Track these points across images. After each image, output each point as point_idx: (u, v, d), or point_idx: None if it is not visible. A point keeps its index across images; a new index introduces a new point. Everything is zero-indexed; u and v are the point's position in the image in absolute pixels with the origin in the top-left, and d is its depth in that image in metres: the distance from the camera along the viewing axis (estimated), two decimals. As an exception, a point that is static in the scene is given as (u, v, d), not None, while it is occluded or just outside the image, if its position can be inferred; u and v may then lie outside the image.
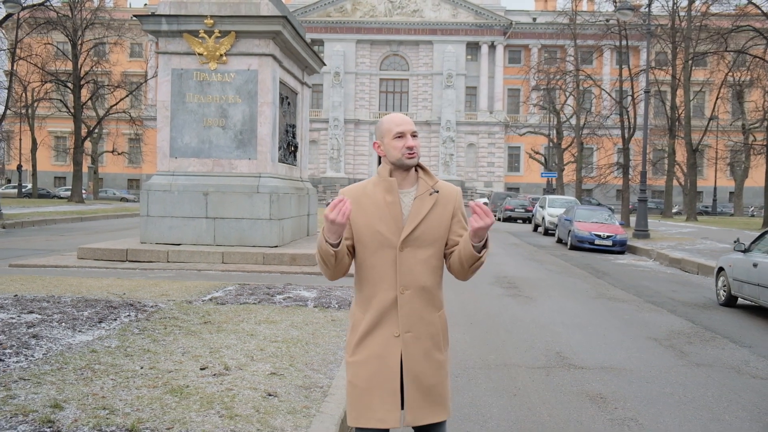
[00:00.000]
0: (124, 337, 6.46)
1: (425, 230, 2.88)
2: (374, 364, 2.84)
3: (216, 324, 7.24)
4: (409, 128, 2.93)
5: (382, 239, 2.86)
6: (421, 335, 2.87)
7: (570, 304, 11.30)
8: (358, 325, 2.92)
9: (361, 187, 2.99)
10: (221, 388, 4.99)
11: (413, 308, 2.86)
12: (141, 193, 15.64)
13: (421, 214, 2.88)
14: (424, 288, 2.88)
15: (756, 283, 10.52)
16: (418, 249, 2.87)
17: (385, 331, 2.85)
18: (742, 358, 7.79)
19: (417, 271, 2.86)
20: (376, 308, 2.86)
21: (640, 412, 5.66)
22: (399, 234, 2.86)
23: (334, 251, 2.78)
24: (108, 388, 4.87)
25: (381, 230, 2.86)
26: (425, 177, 2.97)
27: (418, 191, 2.92)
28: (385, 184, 2.91)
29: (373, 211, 2.89)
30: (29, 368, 5.32)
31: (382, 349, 2.84)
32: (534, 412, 5.57)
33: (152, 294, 9.22)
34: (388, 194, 2.89)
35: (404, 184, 2.94)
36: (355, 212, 2.89)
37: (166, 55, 15.45)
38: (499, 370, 6.81)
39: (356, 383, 2.87)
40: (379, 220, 2.87)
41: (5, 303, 7.97)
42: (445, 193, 2.95)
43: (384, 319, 2.86)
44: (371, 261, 2.88)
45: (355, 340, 2.91)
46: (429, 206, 2.90)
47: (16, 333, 6.43)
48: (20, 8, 27.96)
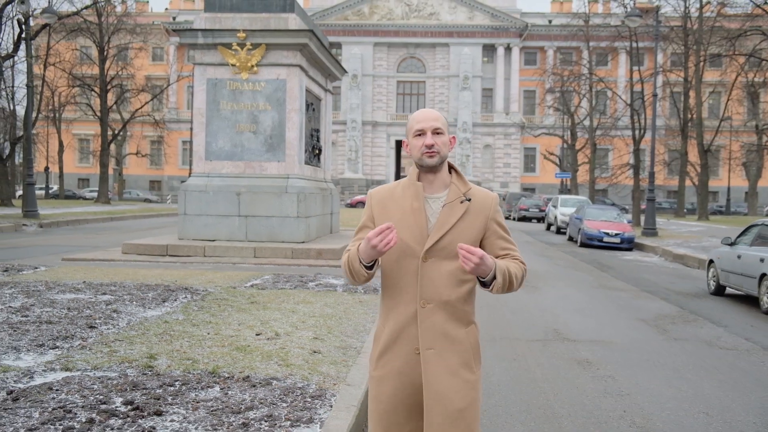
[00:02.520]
0: (187, 312, 7.73)
1: (453, 240, 2.67)
2: (396, 380, 2.70)
3: (261, 303, 8.50)
4: (430, 125, 2.74)
5: (405, 248, 2.69)
6: (445, 351, 2.68)
7: (572, 292, 12.47)
8: (379, 337, 2.80)
9: (390, 189, 2.85)
10: (275, 347, 6.23)
11: (435, 323, 2.69)
12: (179, 193, 16.94)
13: (449, 224, 2.69)
14: (448, 302, 2.69)
15: (740, 273, 11.64)
16: (444, 260, 2.68)
17: (405, 346, 2.70)
18: (716, 334, 8.95)
19: (440, 284, 2.69)
20: (395, 321, 2.72)
21: (618, 372, 6.84)
22: (423, 243, 2.69)
23: (367, 273, 2.69)
24: (186, 347, 6.13)
25: (405, 238, 2.69)
26: (458, 182, 2.78)
27: (449, 198, 2.74)
28: (412, 189, 2.76)
29: (398, 217, 2.72)
30: (119, 333, 6.59)
31: (403, 365, 2.70)
32: (529, 372, 6.77)
33: (200, 281, 10.50)
34: (414, 200, 2.73)
35: (434, 188, 2.77)
36: (382, 217, 2.76)
37: (201, 66, 16.75)
38: (502, 342, 8.01)
39: (381, 399, 2.74)
40: (404, 227, 2.69)
41: (80, 287, 9.29)
42: (478, 202, 2.76)
43: (404, 334, 2.71)
44: (393, 271, 2.73)
45: (377, 354, 2.78)
46: (458, 215, 2.71)
47: (99, 309, 7.72)
48: (56, 18, 29.43)
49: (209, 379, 5.11)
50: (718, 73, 49.47)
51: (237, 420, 4.26)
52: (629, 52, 39.77)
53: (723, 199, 67.22)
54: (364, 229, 2.82)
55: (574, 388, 6.23)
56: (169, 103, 74.37)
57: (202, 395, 4.73)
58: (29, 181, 28.30)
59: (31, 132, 29.99)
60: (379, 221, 2.74)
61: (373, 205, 2.82)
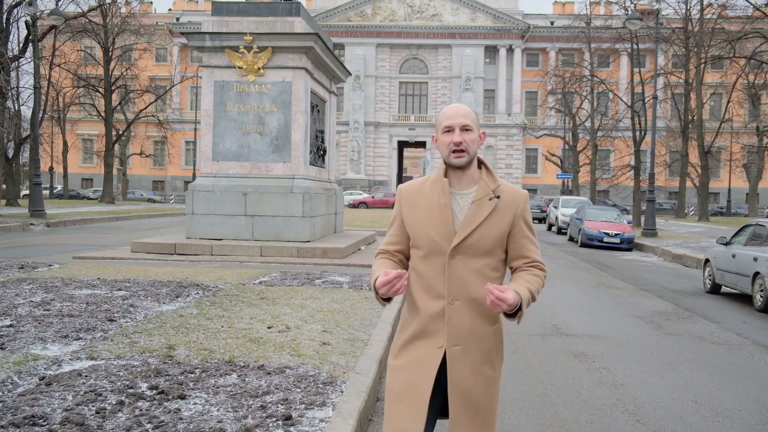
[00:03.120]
0: (200, 307, 8.06)
1: (480, 238, 2.68)
2: (413, 371, 2.73)
3: (271, 299, 8.83)
4: (458, 121, 2.72)
5: (433, 244, 2.70)
6: (470, 349, 2.71)
7: (571, 290, 12.79)
8: (405, 328, 2.81)
9: (419, 184, 2.85)
10: (287, 339, 6.56)
11: (462, 320, 2.70)
12: (186, 193, 17.28)
13: (477, 221, 2.69)
14: (476, 300, 2.69)
15: (734, 272, 11.97)
16: (471, 258, 2.69)
17: (430, 340, 2.73)
18: (709, 330, 9.28)
19: (468, 281, 2.69)
20: (423, 316, 2.73)
21: (612, 364, 7.17)
22: (450, 240, 2.69)
23: (383, 304, 2.79)
24: (202, 338, 6.46)
25: (431, 234, 2.70)
26: (487, 179, 2.76)
27: (477, 194, 2.72)
28: (439, 184, 2.76)
29: (426, 213, 2.74)
30: (137, 326, 6.92)
31: (422, 358, 2.73)
32: (528, 364, 7.10)
33: (210, 278, 10.83)
34: (441, 196, 2.73)
35: (462, 184, 2.77)
36: (409, 213, 2.78)
37: (209, 68, 17.09)
38: (503, 336, 8.31)
39: (392, 388, 2.77)
40: (430, 223, 2.71)
41: (95, 283, 9.63)
42: (507, 199, 2.74)
43: (430, 329, 2.72)
44: (421, 267, 2.74)
45: (399, 344, 2.81)
46: (487, 212, 2.70)
47: (116, 303, 8.06)
48: (63, 21, 29.80)
49: (226, 368, 5.44)
50: (720, 74, 49.78)
51: (255, 403, 4.59)
52: (630, 54, 40.04)
53: (724, 200, 67.52)
54: (393, 224, 2.87)
55: (571, 379, 6.56)
56: (172, 104, 74.75)
57: (221, 381, 5.06)
58: (36, 181, 28.64)
59: (38, 133, 30.33)
60: (408, 217, 2.78)
61: (402, 201, 2.83)
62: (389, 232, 2.90)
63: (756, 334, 9.13)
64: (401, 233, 2.84)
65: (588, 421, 5.33)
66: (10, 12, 30.42)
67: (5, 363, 5.36)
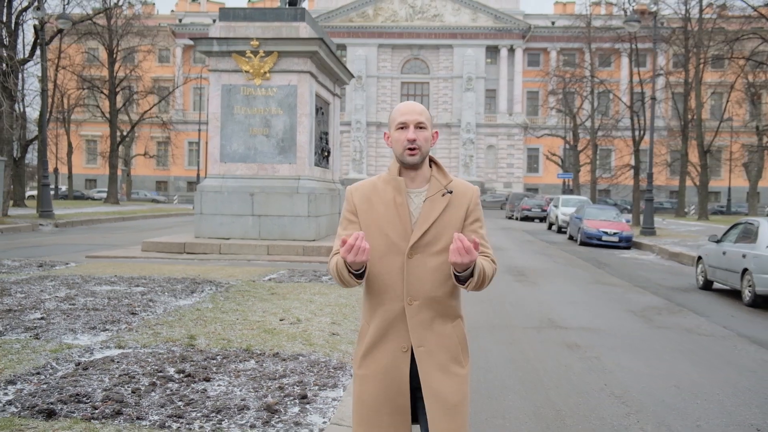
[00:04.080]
0: (215, 302, 8.56)
1: (436, 235, 2.64)
2: (381, 379, 2.65)
3: (281, 295, 9.32)
4: (413, 118, 2.68)
5: (390, 244, 2.64)
6: (433, 349, 2.66)
7: (568, 287, 13.26)
8: (364, 335, 2.74)
9: (371, 183, 2.77)
10: (298, 330, 7.05)
11: (423, 320, 2.65)
12: (195, 194, 17.78)
13: (432, 218, 2.65)
14: (435, 298, 2.66)
15: (725, 268, 12.44)
16: (429, 256, 2.65)
17: (392, 344, 2.66)
18: (697, 323, 9.75)
19: (427, 280, 2.64)
20: (381, 319, 2.66)
21: (603, 354, 7.65)
22: (407, 239, 2.64)
23: (357, 282, 2.65)
24: (220, 330, 6.95)
25: (389, 234, 2.65)
26: (438, 175, 2.73)
27: (430, 191, 2.69)
28: (393, 183, 2.70)
29: (383, 213, 2.68)
30: (158, 318, 7.41)
31: (389, 364, 2.65)
32: (524, 353, 7.58)
33: (221, 275, 11.33)
34: (397, 195, 2.68)
35: (415, 182, 2.72)
36: (365, 212, 2.70)
37: (216, 72, 17.59)
38: (501, 330, 8.81)
39: (364, 399, 2.69)
40: (388, 222, 2.66)
41: (114, 280, 10.14)
42: (459, 193, 2.72)
43: (390, 332, 2.65)
44: (377, 268, 2.65)
45: (361, 352, 2.73)
46: (441, 208, 2.67)
47: (136, 298, 8.56)
48: (71, 24, 30.31)
49: (245, 355, 5.93)
50: (720, 74, 50.16)
51: (274, 384, 5.08)
52: (630, 55, 40.50)
53: (725, 199, 67.93)
54: (349, 227, 2.73)
55: (562, 366, 7.04)
56: (175, 105, 75.26)
57: (241, 366, 5.55)
58: (44, 182, 29.14)
59: (46, 134, 30.84)
60: (363, 216, 2.69)
61: (356, 201, 2.74)
62: (341, 235, 2.70)
63: (741, 327, 9.61)
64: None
65: (576, 403, 5.81)
66: (19, 16, 30.92)
67: (43, 351, 5.86)
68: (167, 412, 4.41)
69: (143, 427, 4.13)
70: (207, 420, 4.30)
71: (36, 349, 5.91)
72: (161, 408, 4.48)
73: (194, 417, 4.35)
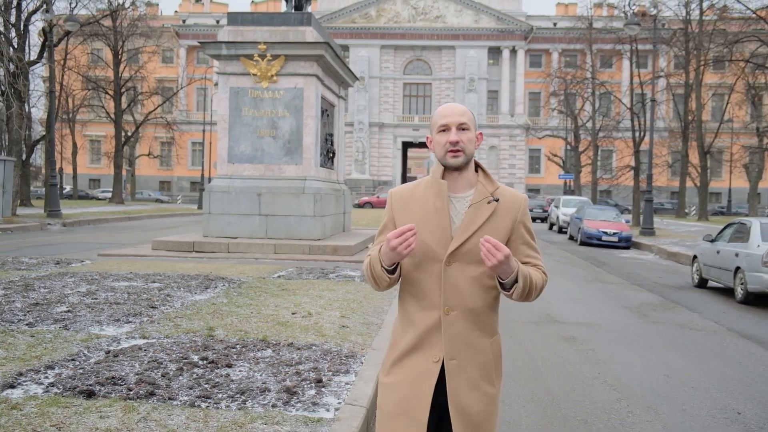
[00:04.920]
0: (229, 297, 8.98)
1: (478, 244, 2.48)
2: (407, 388, 2.57)
3: (291, 290, 9.74)
4: (455, 120, 2.59)
5: (428, 250, 2.56)
6: (466, 363, 2.56)
7: (567, 284, 13.68)
8: (398, 343, 2.66)
9: (412, 187, 2.71)
10: (310, 322, 7.47)
11: (458, 332, 2.56)
12: (204, 194, 18.22)
13: (475, 225, 2.55)
14: (473, 310, 2.56)
15: (719, 267, 12.86)
16: (468, 265, 2.55)
17: (425, 354, 2.58)
18: (690, 318, 10.17)
19: (465, 291, 2.55)
20: (417, 328, 2.59)
21: (598, 347, 8.06)
22: (446, 246, 2.55)
23: (389, 278, 2.58)
24: (236, 322, 7.37)
25: (427, 240, 2.55)
26: (485, 181, 2.63)
27: (475, 198, 2.59)
28: (435, 187, 2.62)
29: (421, 218, 2.58)
30: (177, 312, 7.84)
31: (418, 374, 2.57)
32: (523, 346, 7.99)
33: (232, 273, 11.75)
34: (437, 199, 2.59)
35: (459, 187, 2.63)
36: (402, 217, 2.62)
37: (225, 75, 18.02)
38: (501, 324, 9.15)
39: (384, 408, 2.62)
40: (426, 228, 2.56)
41: (130, 276, 10.57)
42: (506, 202, 2.61)
43: (425, 342, 2.58)
44: (415, 275, 2.59)
45: (391, 360, 2.65)
46: (485, 216, 2.56)
47: (154, 293, 8.99)
48: (79, 26, 30.77)
49: (262, 344, 6.35)
50: (720, 75, 50.53)
51: (291, 370, 5.50)
52: (630, 57, 40.90)
53: (726, 200, 68.27)
54: (385, 231, 2.69)
55: (559, 358, 7.46)
56: (179, 105, 75.70)
57: (260, 354, 5.97)
58: (52, 182, 29.61)
59: (54, 135, 31.30)
60: (401, 222, 2.61)
61: (394, 205, 2.69)
62: (379, 238, 2.71)
63: (732, 323, 10.02)
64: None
65: (571, 390, 6.23)
66: (28, 18, 31.39)
67: (73, 340, 6.28)
68: (196, 393, 4.83)
69: (175, 406, 4.54)
70: (232, 400, 4.72)
71: (67, 338, 6.34)
72: (190, 390, 4.90)
73: (221, 398, 4.77)
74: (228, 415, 4.41)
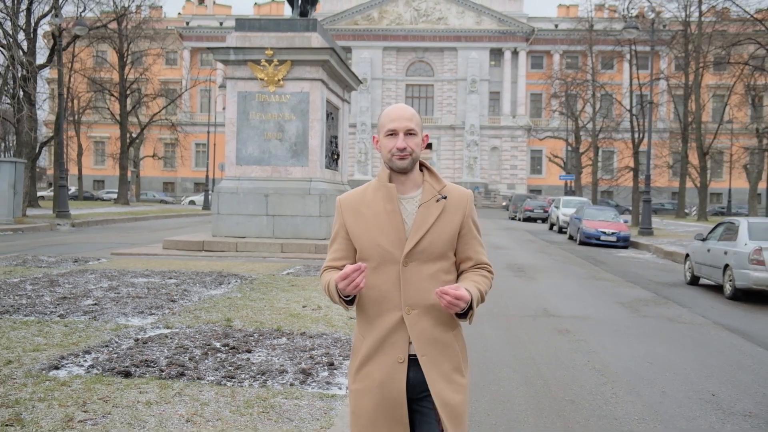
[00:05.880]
0: (242, 292, 9.54)
1: (432, 242, 2.58)
2: (377, 393, 2.58)
3: (300, 286, 10.31)
4: (403, 125, 2.61)
5: (384, 253, 2.59)
6: (436, 358, 2.60)
7: (564, 282, 14.22)
8: (359, 349, 2.67)
9: (360, 193, 2.73)
10: (320, 314, 8.03)
11: (423, 329, 2.58)
12: (213, 195, 18.78)
13: (427, 224, 2.59)
14: (433, 306, 2.57)
15: (709, 265, 13.39)
16: (425, 263, 2.60)
17: (387, 356, 2.59)
18: (679, 313, 10.71)
19: (424, 288, 2.58)
20: (378, 331, 2.60)
21: (590, 338, 8.61)
22: (402, 247, 2.58)
23: (347, 307, 2.63)
24: (250, 314, 7.93)
25: (382, 243, 2.59)
26: (431, 180, 2.68)
27: (423, 197, 2.64)
28: (384, 191, 2.64)
29: (374, 222, 2.62)
30: (196, 305, 8.40)
31: (384, 377, 2.58)
32: (518, 337, 8.54)
33: (243, 270, 12.31)
34: (388, 202, 2.62)
35: (406, 188, 2.66)
36: (355, 223, 2.65)
37: (232, 80, 18.59)
38: (499, 317, 9.77)
39: (359, 414, 2.63)
40: (380, 231, 2.60)
41: (147, 273, 11.14)
42: (454, 199, 2.66)
43: (386, 343, 2.59)
44: (372, 279, 2.57)
45: (356, 366, 2.66)
46: (436, 214, 2.61)
47: (172, 288, 9.55)
48: (87, 30, 31.36)
49: (277, 333, 6.91)
50: (720, 77, 51.04)
51: (305, 355, 6.05)
52: (630, 60, 41.42)
53: (726, 200, 68.71)
54: (337, 239, 2.74)
55: (552, 347, 8.00)
56: (183, 107, 76.30)
57: (275, 342, 6.53)
58: (61, 184, 30.24)
59: (63, 137, 31.90)
60: (353, 229, 2.65)
61: (344, 213, 2.71)
62: (332, 248, 2.77)
63: (718, 317, 10.56)
64: (347, 247, 2.70)
65: (562, 375, 6.78)
66: (37, 23, 32.02)
67: (104, 329, 6.84)
68: (221, 374, 5.39)
69: (204, 384, 5.10)
70: (254, 380, 5.27)
71: (98, 328, 6.90)
72: (215, 371, 5.45)
73: (244, 377, 5.32)
74: (252, 391, 4.96)
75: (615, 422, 5.44)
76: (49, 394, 4.69)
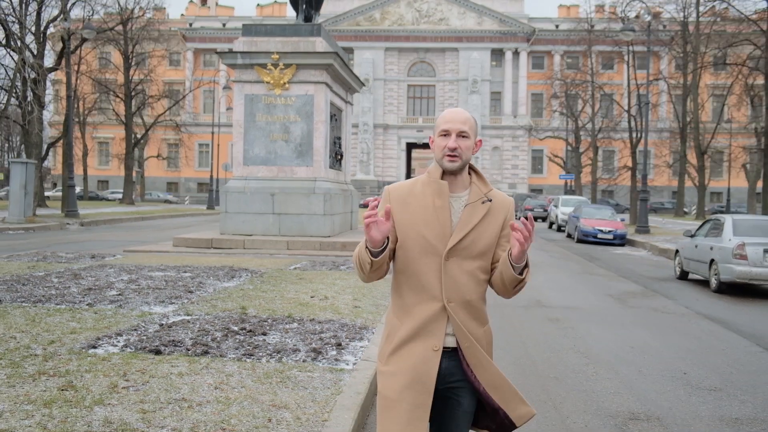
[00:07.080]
0: (253, 284, 10.19)
1: (474, 240, 2.71)
2: (408, 375, 2.68)
3: (307, 279, 10.96)
4: (456, 127, 2.73)
5: (427, 245, 2.70)
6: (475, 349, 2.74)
7: (558, 276, 14.87)
8: (394, 333, 2.77)
9: (409, 185, 2.83)
10: (327, 304, 8.68)
11: (461, 321, 2.72)
12: (221, 194, 19.44)
13: (472, 223, 2.72)
14: (469, 302, 2.74)
15: (697, 260, 14.03)
16: (465, 260, 2.71)
17: (424, 343, 2.70)
18: (664, 304, 11.36)
19: (462, 284, 2.71)
20: (417, 318, 2.71)
21: (578, 325, 9.25)
22: (445, 242, 2.69)
23: (370, 260, 2.66)
24: (263, 303, 8.58)
25: (426, 235, 2.70)
26: (479, 183, 2.81)
27: (470, 198, 2.76)
28: (435, 186, 2.75)
29: (420, 214, 2.73)
30: (212, 295, 9.05)
31: (418, 362, 2.69)
32: (511, 324, 9.19)
33: (252, 265, 12.97)
34: (437, 198, 2.73)
35: (455, 187, 2.78)
36: (401, 213, 2.75)
37: (240, 83, 19.24)
38: (493, 308, 10.33)
39: (386, 394, 2.72)
40: (426, 224, 2.71)
41: (163, 267, 11.81)
42: (498, 203, 2.79)
43: (424, 331, 2.70)
44: (414, 267, 2.71)
45: (390, 349, 2.75)
46: (480, 215, 2.73)
47: (187, 281, 10.21)
48: (95, 33, 32.06)
49: (288, 319, 7.56)
50: (719, 76, 51.60)
51: (315, 337, 6.71)
52: (627, 61, 42.03)
53: (726, 199, 69.21)
54: None
55: (542, 334, 8.64)
56: (186, 107, 76.99)
57: (288, 326, 7.18)
58: (70, 184, 30.93)
59: (71, 138, 32.59)
60: (399, 217, 2.74)
61: (392, 201, 2.79)
62: None
63: (701, 308, 11.20)
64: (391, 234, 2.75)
65: (548, 357, 7.42)
66: (46, 27, 32.71)
67: (131, 316, 7.50)
68: (241, 352, 6.04)
69: (227, 360, 5.75)
70: (271, 357, 5.92)
71: (125, 314, 7.56)
72: (236, 350, 6.10)
73: (261, 355, 5.97)
74: (269, 365, 5.62)
75: (593, 395, 6.09)
76: (93, 367, 5.35)
